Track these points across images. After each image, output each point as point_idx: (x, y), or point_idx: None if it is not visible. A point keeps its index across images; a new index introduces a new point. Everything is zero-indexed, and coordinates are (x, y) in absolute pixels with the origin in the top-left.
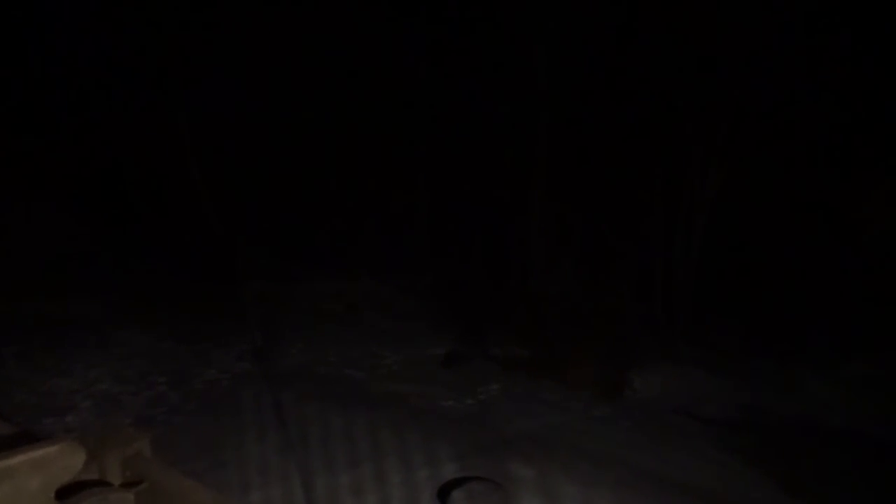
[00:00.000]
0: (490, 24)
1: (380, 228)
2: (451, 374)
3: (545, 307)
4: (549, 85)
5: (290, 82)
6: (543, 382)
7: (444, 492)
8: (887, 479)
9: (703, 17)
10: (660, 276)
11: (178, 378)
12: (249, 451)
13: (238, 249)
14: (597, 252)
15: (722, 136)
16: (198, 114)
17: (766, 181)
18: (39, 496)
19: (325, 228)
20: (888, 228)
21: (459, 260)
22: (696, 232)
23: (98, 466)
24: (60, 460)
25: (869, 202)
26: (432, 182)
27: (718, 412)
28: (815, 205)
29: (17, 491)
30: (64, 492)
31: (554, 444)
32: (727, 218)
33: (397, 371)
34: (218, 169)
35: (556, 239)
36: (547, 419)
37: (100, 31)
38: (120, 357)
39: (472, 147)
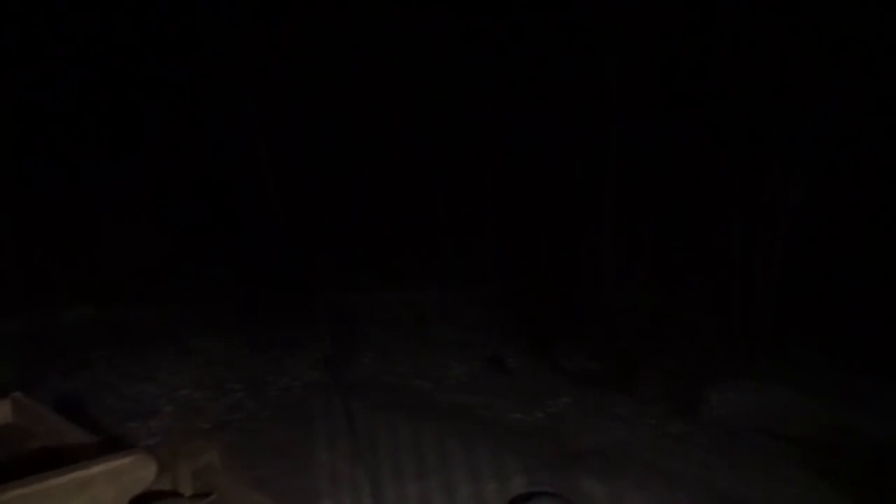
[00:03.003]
0: (561, 33)
1: (449, 239)
2: (520, 386)
3: (617, 319)
4: (620, 94)
5: (364, 97)
6: (615, 396)
7: None
8: None
9: (781, 25)
10: (738, 288)
11: (253, 385)
12: (320, 459)
13: (310, 260)
14: (671, 263)
15: (804, 145)
16: (275, 126)
17: (851, 192)
18: None
19: (396, 240)
20: None
21: (528, 271)
22: (778, 243)
23: (170, 477)
24: (134, 471)
25: None
26: (501, 193)
27: (802, 431)
28: None
29: (95, 500)
30: (138, 502)
31: (626, 461)
32: (811, 229)
33: (465, 382)
34: (293, 182)
35: (628, 249)
36: (618, 434)
37: (187, 48)
38: (199, 364)
39: (542, 157)
